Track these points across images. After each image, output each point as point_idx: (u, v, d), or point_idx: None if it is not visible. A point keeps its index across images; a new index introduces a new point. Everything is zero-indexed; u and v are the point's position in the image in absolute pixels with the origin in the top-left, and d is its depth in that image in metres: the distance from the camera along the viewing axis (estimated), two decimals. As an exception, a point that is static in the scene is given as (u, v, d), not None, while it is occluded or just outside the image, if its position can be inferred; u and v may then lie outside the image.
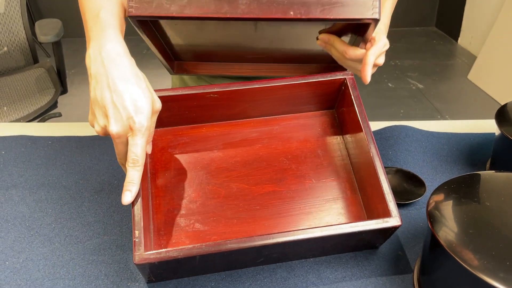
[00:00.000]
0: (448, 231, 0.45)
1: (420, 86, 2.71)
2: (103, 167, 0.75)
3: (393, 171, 0.71)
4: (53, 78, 1.72)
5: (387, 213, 0.52)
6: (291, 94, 0.63)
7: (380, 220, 0.51)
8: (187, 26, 0.64)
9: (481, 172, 0.54)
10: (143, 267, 0.49)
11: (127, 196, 0.50)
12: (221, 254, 0.49)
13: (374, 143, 0.56)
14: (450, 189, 0.51)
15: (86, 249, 0.60)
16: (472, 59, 2.90)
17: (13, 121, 1.49)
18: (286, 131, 0.65)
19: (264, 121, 0.66)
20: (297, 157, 0.63)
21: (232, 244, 0.48)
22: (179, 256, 0.47)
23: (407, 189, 0.68)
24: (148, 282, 0.55)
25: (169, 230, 0.57)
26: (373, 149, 0.56)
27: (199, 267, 0.53)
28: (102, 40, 0.51)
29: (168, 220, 0.57)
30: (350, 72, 0.62)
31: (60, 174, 0.73)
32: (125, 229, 0.63)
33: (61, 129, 0.85)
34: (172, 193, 0.59)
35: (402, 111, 2.46)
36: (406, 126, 0.82)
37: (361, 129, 0.58)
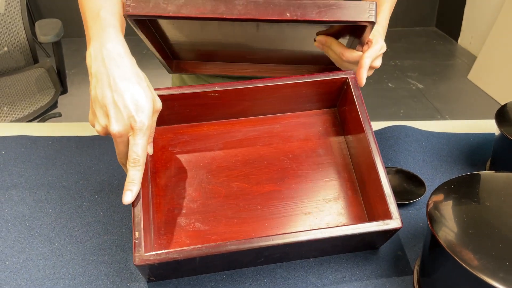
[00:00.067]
0: (448, 231, 0.45)
1: (420, 86, 2.71)
2: (103, 167, 0.75)
3: (393, 171, 0.71)
4: (53, 78, 1.72)
5: (388, 215, 0.52)
6: (293, 93, 0.63)
7: (381, 222, 0.51)
8: (186, 26, 0.64)
9: (481, 172, 0.54)
10: (143, 268, 0.49)
11: (128, 196, 0.49)
12: (221, 255, 0.49)
13: (376, 144, 0.56)
14: (450, 189, 0.51)
15: (86, 249, 0.60)
16: (472, 59, 2.90)
17: (13, 121, 1.49)
18: (287, 130, 0.65)
19: (265, 120, 0.66)
20: (298, 156, 0.63)
21: (232, 246, 0.48)
22: (179, 258, 0.47)
23: (407, 189, 0.68)
24: (148, 282, 0.55)
25: (170, 230, 0.56)
26: (375, 150, 0.56)
27: (199, 267, 0.53)
28: (103, 39, 0.51)
29: (169, 220, 0.57)
30: (353, 71, 0.62)
31: (60, 174, 0.73)
32: (125, 229, 0.63)
33: (61, 129, 0.85)
34: (173, 192, 0.59)
35: (402, 111, 2.46)
36: (406, 126, 0.82)
37: (363, 129, 0.58)
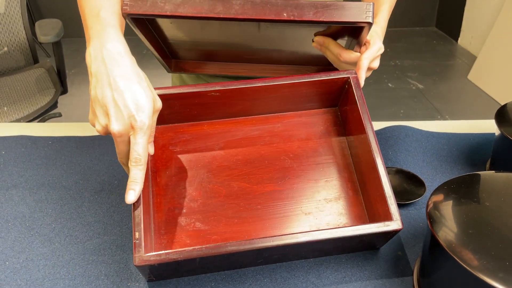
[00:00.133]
0: (448, 231, 0.45)
1: (420, 86, 2.71)
2: (103, 167, 0.75)
3: (393, 171, 0.71)
4: (53, 78, 1.72)
5: (389, 216, 0.52)
6: (294, 92, 0.63)
7: (381, 224, 0.51)
8: (184, 25, 0.64)
9: (481, 172, 0.54)
10: (143, 269, 0.49)
11: (131, 195, 0.49)
12: (221, 256, 0.49)
13: (377, 144, 0.56)
14: (450, 189, 0.51)
15: (86, 249, 0.60)
16: (472, 59, 2.90)
17: (13, 121, 1.49)
18: (288, 129, 0.65)
19: (266, 119, 0.66)
20: (299, 156, 0.63)
21: (232, 247, 0.48)
22: (179, 258, 0.47)
23: (407, 189, 0.68)
24: (149, 281, 0.55)
25: (170, 229, 0.56)
26: (376, 150, 0.56)
27: (199, 268, 0.53)
28: (103, 39, 0.51)
29: (169, 219, 0.57)
30: (354, 71, 0.62)
31: (60, 174, 0.73)
32: (125, 229, 0.63)
33: (61, 129, 0.85)
34: (173, 192, 0.59)
35: (402, 111, 2.46)
36: (406, 126, 0.82)
37: (364, 129, 0.57)
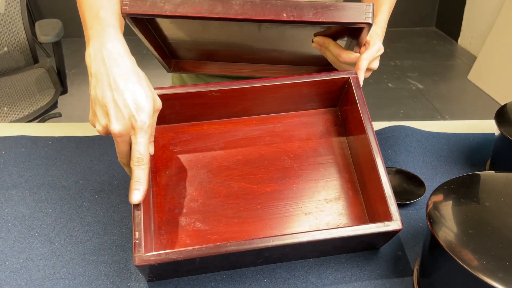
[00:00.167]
0: (448, 232, 0.45)
1: (420, 86, 2.71)
2: (103, 167, 0.75)
3: (393, 171, 0.71)
4: (53, 78, 1.72)
5: (388, 216, 0.52)
6: (294, 93, 0.63)
7: (381, 224, 0.51)
8: (184, 25, 0.64)
9: (481, 173, 0.54)
10: (143, 268, 0.49)
11: (136, 195, 0.49)
12: (221, 256, 0.49)
13: (377, 144, 0.56)
14: (450, 190, 0.51)
15: (86, 249, 0.60)
16: (472, 59, 2.90)
17: (13, 121, 1.49)
18: (288, 129, 0.65)
19: (266, 119, 0.66)
20: (299, 156, 0.63)
21: (232, 247, 0.48)
22: (179, 258, 0.47)
23: (407, 189, 0.68)
24: (149, 281, 0.55)
25: (170, 229, 0.57)
26: (376, 150, 0.56)
27: (199, 268, 0.53)
28: (103, 39, 0.51)
29: (169, 219, 0.57)
30: (354, 71, 0.62)
31: (60, 175, 0.73)
32: (125, 229, 0.63)
33: (61, 129, 0.85)
34: (173, 192, 0.59)
35: (402, 111, 2.46)
36: (406, 126, 0.82)
37: (364, 129, 0.57)
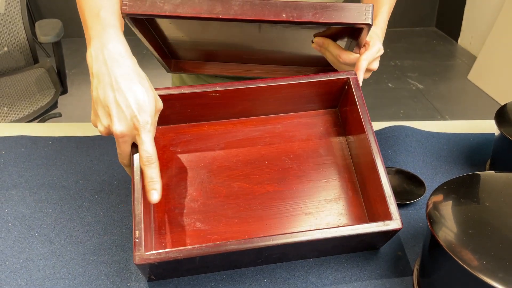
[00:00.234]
0: (448, 232, 0.45)
1: (420, 86, 2.72)
2: (103, 167, 0.75)
3: (393, 171, 0.71)
4: (53, 78, 1.72)
5: (388, 216, 0.52)
6: (294, 93, 0.63)
7: (381, 223, 0.51)
8: (184, 25, 0.64)
9: (481, 173, 0.54)
10: (143, 267, 0.49)
11: (154, 195, 0.50)
12: (221, 255, 0.49)
13: (376, 144, 0.56)
14: (450, 190, 0.51)
15: (86, 249, 0.60)
16: (472, 59, 2.90)
17: (13, 121, 1.49)
18: (289, 130, 0.65)
19: (266, 120, 0.66)
20: (299, 157, 0.63)
21: (232, 246, 0.48)
22: (179, 257, 0.47)
23: (407, 190, 0.68)
24: (149, 281, 0.55)
25: (170, 229, 0.57)
26: (375, 150, 0.56)
27: (199, 267, 0.53)
28: (104, 40, 0.51)
29: (169, 219, 0.57)
30: (354, 72, 0.62)
31: (60, 175, 0.74)
32: (125, 229, 0.63)
33: (61, 129, 0.86)
34: (174, 192, 0.59)
35: (402, 111, 2.46)
36: (406, 127, 0.82)
37: (364, 130, 0.58)
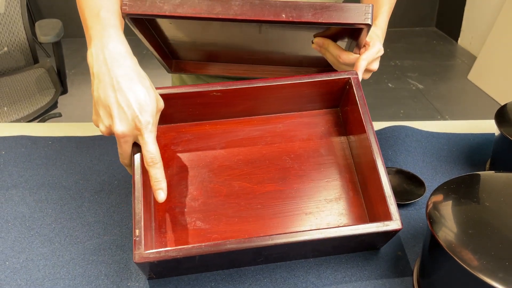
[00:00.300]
0: (448, 232, 0.45)
1: (420, 87, 2.72)
2: (103, 167, 0.75)
3: (393, 171, 0.71)
4: (53, 78, 1.72)
5: (388, 216, 0.52)
6: (295, 93, 0.63)
7: (381, 224, 0.51)
8: (185, 25, 0.64)
9: (481, 173, 0.54)
10: (143, 266, 0.49)
11: (161, 194, 0.51)
12: (221, 254, 0.49)
13: (377, 144, 0.56)
14: (450, 190, 0.51)
15: (86, 249, 0.60)
16: (472, 60, 2.90)
17: (13, 121, 1.49)
18: (290, 130, 0.65)
19: (268, 119, 0.66)
20: (300, 156, 0.63)
21: (232, 245, 0.48)
22: (179, 256, 0.47)
23: (407, 189, 0.68)
24: (149, 279, 0.55)
25: (171, 228, 0.57)
26: (376, 150, 0.56)
27: (199, 266, 0.53)
28: (104, 39, 0.51)
29: (170, 218, 0.57)
30: (355, 72, 0.62)
31: (60, 175, 0.73)
32: (125, 229, 0.63)
33: (61, 129, 0.86)
34: (174, 191, 0.59)
35: (402, 111, 2.46)
36: (406, 127, 0.82)
37: (364, 130, 0.58)
